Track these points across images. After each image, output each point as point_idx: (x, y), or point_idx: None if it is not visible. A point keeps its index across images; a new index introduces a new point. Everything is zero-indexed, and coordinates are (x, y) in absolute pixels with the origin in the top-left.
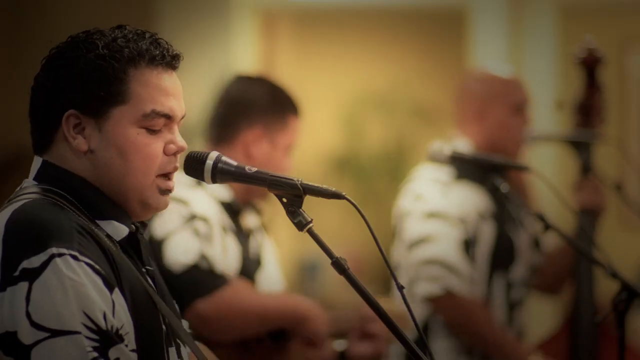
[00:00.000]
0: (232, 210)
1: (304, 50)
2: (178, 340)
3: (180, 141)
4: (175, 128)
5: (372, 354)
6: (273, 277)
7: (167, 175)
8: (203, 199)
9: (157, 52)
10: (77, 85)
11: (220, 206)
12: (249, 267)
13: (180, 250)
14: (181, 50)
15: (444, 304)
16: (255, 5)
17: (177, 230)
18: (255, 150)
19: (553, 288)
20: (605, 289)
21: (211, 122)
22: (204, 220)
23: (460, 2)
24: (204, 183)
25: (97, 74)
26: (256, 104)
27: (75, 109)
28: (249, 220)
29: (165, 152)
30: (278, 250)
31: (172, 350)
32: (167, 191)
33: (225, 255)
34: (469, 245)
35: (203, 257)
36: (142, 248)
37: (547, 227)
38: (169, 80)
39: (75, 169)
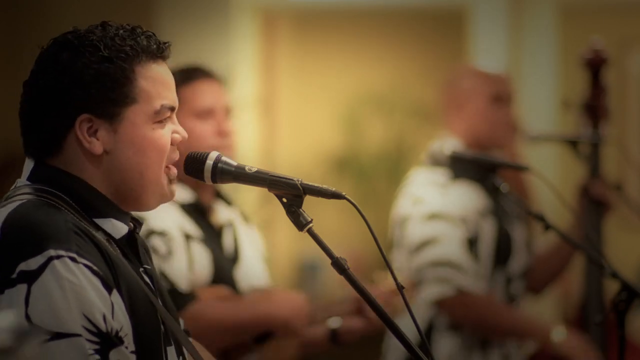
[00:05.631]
0: (198, 210)
1: (304, 50)
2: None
3: (183, 130)
4: (175, 117)
5: (363, 330)
6: (253, 271)
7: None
8: (160, 212)
9: (154, 45)
10: (89, 90)
11: (182, 211)
12: (224, 268)
13: None
14: (181, 50)
15: (456, 304)
16: (255, 5)
17: None
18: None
19: (538, 289)
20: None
21: None
22: (162, 235)
23: (460, 2)
24: None
25: (107, 77)
26: None
27: (87, 113)
28: (221, 215)
29: (171, 142)
30: (276, 249)
31: (171, 350)
32: (174, 179)
33: (192, 267)
34: (471, 244)
35: (162, 276)
36: (139, 246)
37: (547, 227)
38: (166, 72)
39: (82, 172)
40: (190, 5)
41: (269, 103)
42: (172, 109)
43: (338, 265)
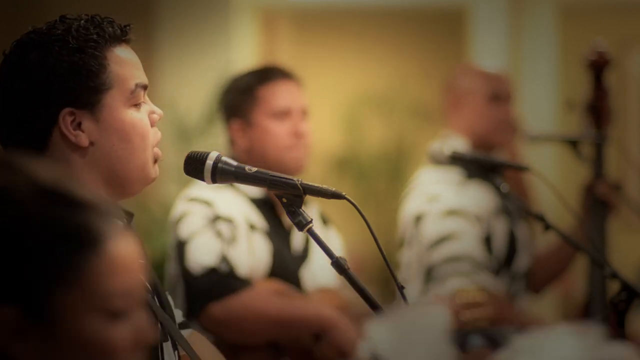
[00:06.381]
0: (268, 206)
1: (304, 50)
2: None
3: (158, 109)
4: (148, 98)
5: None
6: (321, 271)
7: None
8: (229, 199)
9: (118, 30)
10: (66, 84)
11: (251, 204)
12: (287, 264)
13: (201, 252)
14: (181, 50)
15: None
16: (255, 5)
17: (199, 232)
18: (240, 141)
19: (537, 288)
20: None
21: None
22: (228, 221)
23: (460, 2)
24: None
25: (81, 67)
26: (222, 99)
27: (68, 107)
28: None
29: (151, 124)
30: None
31: (167, 345)
32: (159, 159)
33: (252, 256)
34: (485, 243)
35: (223, 260)
36: None
37: (547, 227)
38: (133, 54)
39: (71, 167)
40: (190, 5)
41: None
42: (144, 86)
43: (338, 265)
